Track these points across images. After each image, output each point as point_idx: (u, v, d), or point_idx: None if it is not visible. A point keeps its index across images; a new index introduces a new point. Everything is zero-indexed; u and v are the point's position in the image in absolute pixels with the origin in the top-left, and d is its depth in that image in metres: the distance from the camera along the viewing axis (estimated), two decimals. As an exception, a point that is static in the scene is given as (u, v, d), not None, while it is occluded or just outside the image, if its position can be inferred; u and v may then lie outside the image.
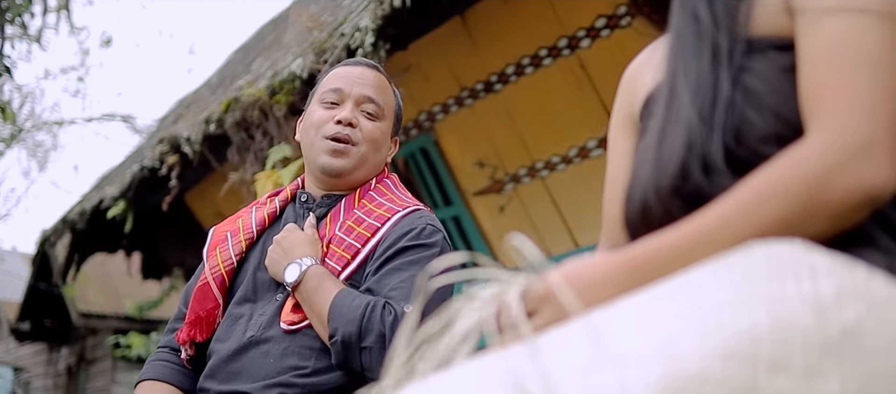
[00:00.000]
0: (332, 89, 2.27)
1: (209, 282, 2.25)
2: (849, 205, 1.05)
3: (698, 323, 0.91)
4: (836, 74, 1.09)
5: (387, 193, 2.27)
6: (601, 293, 1.12)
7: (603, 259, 1.17)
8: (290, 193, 2.39)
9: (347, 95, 2.25)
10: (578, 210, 4.78)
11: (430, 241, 2.14)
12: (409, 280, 2.07)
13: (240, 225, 2.34)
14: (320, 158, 2.23)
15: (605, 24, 4.18)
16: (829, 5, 1.14)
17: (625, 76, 1.55)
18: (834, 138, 1.06)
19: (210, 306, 2.24)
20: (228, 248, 2.29)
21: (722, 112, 1.14)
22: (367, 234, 2.16)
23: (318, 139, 2.24)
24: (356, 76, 2.29)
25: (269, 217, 2.34)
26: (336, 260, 2.15)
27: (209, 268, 2.28)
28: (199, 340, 2.24)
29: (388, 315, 1.99)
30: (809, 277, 0.95)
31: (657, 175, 1.17)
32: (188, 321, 2.26)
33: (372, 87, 2.28)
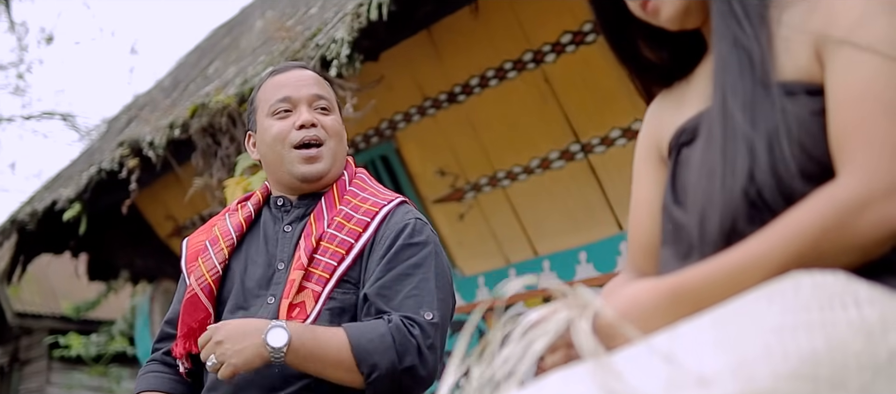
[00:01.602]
0: (280, 99, 2.30)
1: (197, 293, 2.29)
2: (877, 239, 1.18)
3: (764, 346, 1.02)
4: (866, 119, 1.22)
5: (366, 188, 2.33)
6: (652, 318, 1.23)
7: (650, 286, 1.28)
8: (261, 197, 2.43)
9: (298, 100, 2.30)
10: (538, 219, 4.90)
11: (423, 238, 2.21)
12: (419, 285, 2.14)
13: (217, 233, 2.38)
14: (295, 169, 2.27)
15: (571, 39, 4.31)
16: (858, 55, 1.26)
17: (647, 115, 1.68)
18: (864, 179, 1.19)
19: (201, 317, 2.28)
20: (211, 257, 2.32)
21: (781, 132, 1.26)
22: (358, 229, 2.21)
23: (286, 151, 2.27)
24: (297, 80, 2.34)
25: (245, 222, 2.37)
26: (330, 256, 2.19)
27: (195, 279, 2.31)
28: (195, 351, 2.26)
29: (414, 328, 2.06)
30: (854, 305, 1.06)
31: (729, 183, 1.27)
32: (181, 334, 2.30)
33: (316, 86, 2.34)
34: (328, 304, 2.16)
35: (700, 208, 1.34)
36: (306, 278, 2.18)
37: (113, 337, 11.32)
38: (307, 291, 2.17)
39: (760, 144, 1.26)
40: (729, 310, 1.12)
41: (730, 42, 1.35)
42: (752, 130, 1.27)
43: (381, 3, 3.74)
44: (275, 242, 2.30)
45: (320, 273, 2.18)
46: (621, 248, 4.53)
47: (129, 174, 5.42)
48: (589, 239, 4.68)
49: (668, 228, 1.46)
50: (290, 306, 2.16)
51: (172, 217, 7.26)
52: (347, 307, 2.18)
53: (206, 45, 8.31)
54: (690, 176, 1.40)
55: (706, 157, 1.35)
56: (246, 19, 7.82)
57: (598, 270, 4.64)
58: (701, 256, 1.31)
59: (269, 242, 2.31)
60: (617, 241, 4.55)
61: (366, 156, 5.57)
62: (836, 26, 1.30)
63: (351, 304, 2.19)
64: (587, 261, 4.70)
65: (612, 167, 4.45)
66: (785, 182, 1.25)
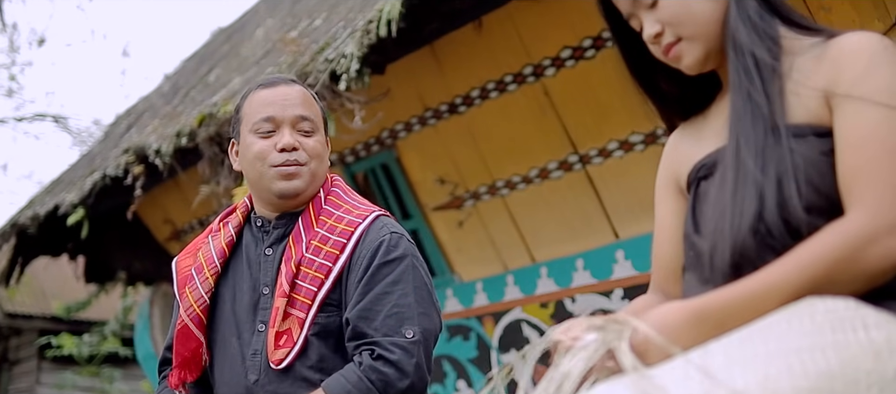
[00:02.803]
0: (264, 118, 2.33)
1: (187, 324, 2.37)
2: (883, 269, 1.34)
3: (786, 364, 1.18)
4: (872, 163, 1.38)
5: (342, 204, 2.38)
6: (679, 338, 1.38)
7: (677, 307, 1.43)
8: (242, 216, 2.48)
9: (282, 120, 2.33)
10: (536, 227, 5.05)
11: (399, 253, 2.28)
12: (398, 302, 2.22)
13: (202, 259, 2.43)
14: (274, 186, 2.33)
15: (570, 54, 4.46)
16: (864, 105, 1.42)
17: (667, 146, 1.84)
18: (871, 216, 1.35)
19: (193, 346, 2.37)
20: (197, 286, 2.39)
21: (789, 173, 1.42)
22: (335, 251, 2.28)
23: (266, 169, 2.32)
24: (283, 98, 2.36)
25: (227, 246, 2.43)
26: (310, 281, 2.26)
27: (184, 310, 2.39)
28: (190, 380, 2.40)
29: (394, 354, 2.16)
30: (863, 328, 1.23)
31: (737, 222, 1.44)
32: (176, 364, 2.40)
33: (301, 106, 2.36)
34: (313, 329, 2.25)
35: (711, 242, 1.50)
36: (290, 305, 2.26)
37: (105, 337, 11.41)
38: (292, 317, 2.25)
39: (769, 187, 1.42)
40: (753, 331, 1.27)
41: (744, 96, 1.51)
42: (762, 175, 1.43)
43: (390, 20, 3.87)
44: (258, 265, 2.38)
45: (302, 299, 2.26)
46: (617, 256, 4.68)
47: (134, 181, 5.53)
48: (586, 247, 4.82)
49: (690, 254, 1.62)
50: (278, 335, 2.25)
51: (171, 221, 7.37)
52: (332, 329, 2.27)
53: (204, 51, 8.42)
54: (707, 210, 1.56)
55: (719, 196, 1.51)
56: (244, 26, 7.93)
57: (595, 277, 4.79)
58: (714, 284, 1.48)
59: (252, 265, 2.39)
60: (613, 249, 4.69)
61: (366, 164, 5.71)
62: (843, 78, 1.46)
63: (335, 326, 2.27)
64: (584, 268, 4.84)
65: (610, 178, 4.59)
66: (792, 220, 1.41)
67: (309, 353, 2.25)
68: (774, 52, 1.54)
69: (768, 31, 1.56)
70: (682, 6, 1.60)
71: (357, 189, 5.84)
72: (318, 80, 4.18)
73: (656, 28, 1.64)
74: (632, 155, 4.46)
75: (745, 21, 1.56)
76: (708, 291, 1.48)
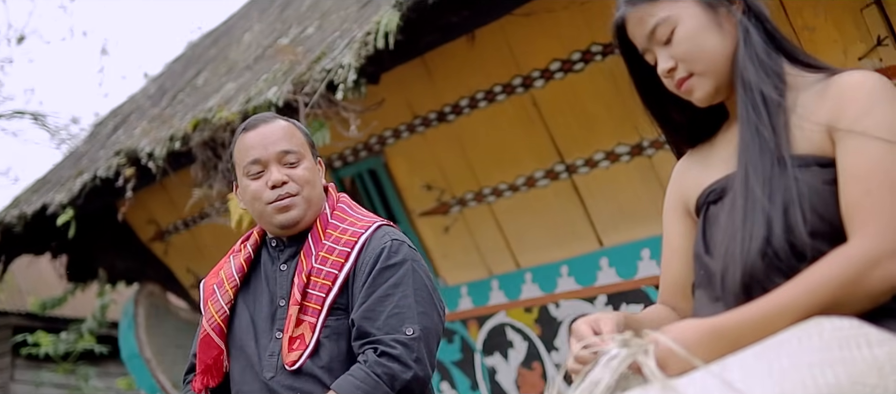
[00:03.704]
0: (251, 162, 2.54)
1: (209, 333, 2.59)
2: (882, 291, 1.48)
3: (799, 378, 1.31)
4: (873, 194, 1.52)
5: (347, 217, 2.58)
6: (698, 352, 1.50)
7: (694, 324, 1.56)
8: (258, 237, 2.69)
9: (267, 160, 2.52)
10: (521, 234, 5.17)
11: (399, 258, 2.47)
12: (399, 303, 2.41)
13: (223, 276, 2.65)
14: (274, 219, 2.53)
15: (559, 67, 4.58)
16: (865, 139, 1.56)
17: (675, 172, 1.98)
18: (872, 243, 1.49)
19: (215, 354, 2.59)
20: (219, 299, 2.61)
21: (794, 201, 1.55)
22: (340, 260, 2.47)
23: (263, 208, 2.53)
24: (265, 138, 2.55)
25: (246, 262, 2.64)
26: (319, 288, 2.46)
27: (206, 320, 2.61)
28: (212, 385, 2.61)
29: (396, 349, 2.35)
30: (867, 346, 1.36)
31: (747, 245, 1.57)
32: (199, 371, 2.62)
33: (283, 141, 2.55)
34: (324, 332, 2.45)
35: (723, 264, 1.64)
36: (302, 312, 2.47)
37: (82, 335, 11.41)
38: (304, 323, 2.46)
39: (776, 214, 1.56)
40: (766, 347, 1.41)
41: (752, 129, 1.65)
42: (770, 202, 1.57)
43: (388, 32, 3.99)
44: (274, 280, 2.58)
45: (313, 306, 2.47)
46: (601, 263, 4.81)
47: (125, 183, 5.61)
48: (570, 254, 4.95)
49: (701, 273, 1.75)
50: (291, 340, 2.46)
51: (155, 222, 7.44)
52: (342, 332, 2.47)
53: (190, 54, 8.48)
54: (717, 234, 1.70)
55: (729, 221, 1.65)
56: (231, 30, 8.00)
57: (579, 283, 4.92)
58: (725, 304, 1.61)
59: (269, 280, 2.60)
60: (597, 256, 4.83)
61: (354, 169, 5.82)
62: (845, 114, 1.60)
63: (344, 328, 2.47)
64: (568, 274, 4.98)
65: (595, 187, 4.73)
66: (798, 244, 1.55)
67: (320, 354, 2.44)
68: (780, 88, 1.68)
69: (774, 68, 1.70)
70: (694, 44, 1.73)
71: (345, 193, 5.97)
72: (314, 89, 4.28)
73: (670, 63, 1.76)
74: (618, 165, 4.60)
75: (753, 59, 1.69)
76: (719, 308, 1.62)
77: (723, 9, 1.74)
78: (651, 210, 4.53)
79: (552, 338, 5.08)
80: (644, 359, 1.46)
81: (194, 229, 7.20)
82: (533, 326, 5.20)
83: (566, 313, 5.02)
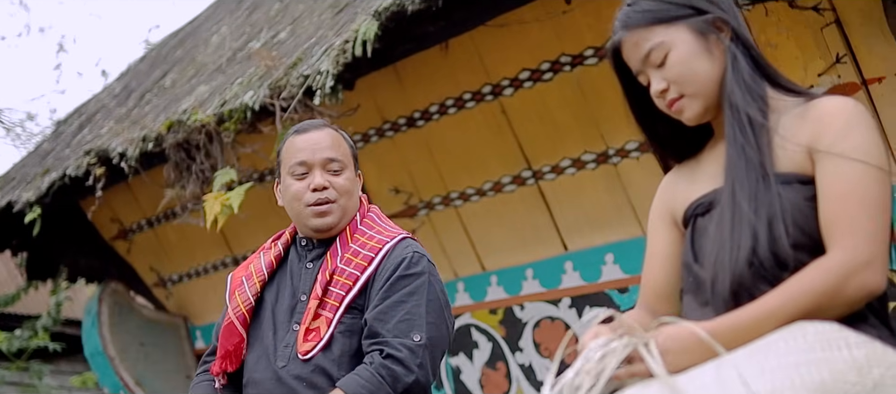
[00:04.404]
0: (298, 163, 2.73)
1: (233, 321, 2.75)
2: (857, 299, 1.64)
3: (788, 376, 1.46)
4: (849, 211, 1.68)
5: (374, 226, 2.76)
6: (694, 351, 1.65)
7: (688, 327, 1.71)
8: (289, 236, 2.86)
9: (313, 164, 2.71)
10: (487, 237, 5.31)
11: (418, 269, 2.63)
12: (412, 311, 2.57)
13: (252, 269, 2.82)
14: (310, 222, 2.71)
15: (529, 76, 4.72)
16: (843, 160, 1.72)
17: (662, 185, 2.13)
18: (848, 256, 1.65)
19: (236, 341, 2.74)
20: (246, 290, 2.78)
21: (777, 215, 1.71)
22: (364, 263, 2.64)
23: (301, 208, 2.71)
24: (314, 143, 2.75)
25: (275, 260, 2.82)
26: (340, 287, 2.63)
27: (231, 309, 2.77)
28: (230, 370, 2.75)
29: (402, 352, 2.50)
30: (846, 347, 1.51)
31: (735, 255, 1.72)
32: (219, 356, 2.77)
33: (330, 149, 2.76)
34: (339, 328, 2.61)
35: (713, 273, 1.79)
36: (321, 307, 2.63)
37: (36, 332, 11.36)
38: (321, 318, 2.62)
39: (762, 227, 1.72)
40: (757, 348, 1.56)
41: (739, 148, 1.80)
42: (755, 216, 1.73)
43: (366, 41, 4.10)
44: (299, 276, 2.74)
45: (332, 302, 2.63)
46: (566, 267, 4.96)
47: (95, 182, 5.66)
48: (535, 257, 5.10)
49: (689, 280, 1.90)
50: (307, 331, 2.62)
51: (118, 220, 7.47)
52: (355, 330, 2.63)
53: (155, 55, 8.51)
54: (706, 244, 1.85)
55: (718, 233, 1.80)
56: (196, 32, 8.04)
57: (544, 286, 5.07)
58: (714, 308, 1.76)
59: (294, 276, 2.76)
60: (562, 260, 4.98)
61: (322, 171, 5.91)
62: (824, 137, 1.76)
63: (358, 327, 2.63)
64: (533, 277, 5.12)
65: (562, 193, 4.87)
66: (781, 255, 1.71)
67: (332, 348, 2.59)
68: (764, 110, 1.83)
69: (759, 92, 1.85)
70: (686, 67, 1.88)
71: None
72: (291, 94, 4.39)
73: (662, 85, 1.91)
74: (584, 173, 4.75)
75: (740, 83, 1.84)
76: (708, 312, 1.77)
77: (713, 36, 1.89)
78: (615, 216, 4.70)
79: (516, 339, 5.23)
80: (645, 352, 1.60)
81: (158, 228, 7.26)
82: (497, 327, 5.34)
83: (530, 314, 5.16)
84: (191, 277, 7.37)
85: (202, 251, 7.05)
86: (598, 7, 4.29)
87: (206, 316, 7.47)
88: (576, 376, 1.63)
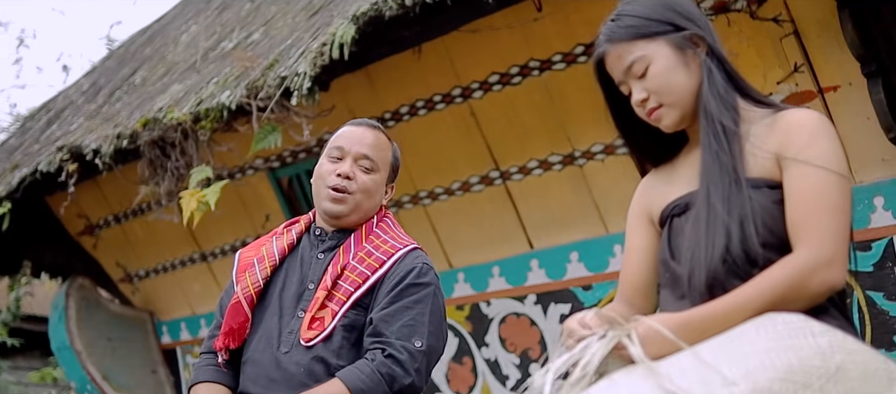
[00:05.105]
0: (336, 147, 2.90)
1: (241, 301, 2.85)
2: (820, 293, 1.82)
3: (759, 360, 1.62)
4: (813, 214, 1.85)
5: (389, 231, 2.90)
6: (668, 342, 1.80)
7: (665, 318, 1.86)
8: (304, 226, 2.98)
9: (347, 153, 2.87)
10: (455, 235, 5.45)
11: (426, 280, 2.79)
12: (416, 318, 2.70)
13: (264, 253, 2.93)
14: (323, 204, 2.85)
15: (498, 80, 4.87)
16: (808, 167, 1.89)
17: (640, 187, 2.29)
18: (812, 254, 1.82)
19: (241, 320, 2.85)
20: (256, 272, 2.88)
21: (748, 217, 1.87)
22: (376, 265, 2.77)
23: (322, 188, 2.85)
24: (357, 137, 2.92)
25: (288, 247, 2.93)
26: (349, 283, 2.75)
27: (240, 289, 2.87)
28: (232, 347, 2.86)
29: (402, 355, 2.63)
30: (811, 335, 1.68)
31: (710, 253, 1.88)
32: (223, 332, 2.86)
33: (369, 147, 2.90)
34: (342, 321, 2.73)
35: (689, 268, 1.95)
36: (328, 299, 2.75)
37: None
38: (327, 309, 2.74)
39: (734, 227, 1.88)
40: (730, 337, 1.72)
41: (713, 154, 1.97)
42: (728, 217, 1.89)
43: (343, 44, 4.23)
44: (309, 265, 2.86)
45: (339, 296, 2.75)
46: (531, 264, 5.13)
47: (68, 178, 5.73)
48: (502, 255, 5.26)
49: (666, 276, 2.06)
50: (312, 319, 2.74)
51: (85, 216, 7.51)
52: (357, 326, 2.75)
53: (124, 52, 8.56)
54: (682, 242, 2.01)
55: (694, 232, 1.96)
56: (165, 30, 8.11)
57: (510, 283, 5.22)
58: (691, 301, 1.92)
59: (304, 264, 2.87)
60: (528, 258, 5.14)
61: (292, 170, 6.04)
62: (791, 145, 1.93)
63: (360, 324, 2.75)
64: (499, 275, 5.28)
65: (528, 193, 5.03)
66: (751, 253, 1.88)
67: (333, 339, 2.70)
68: (736, 120, 2.00)
69: (732, 103, 2.02)
70: (665, 79, 2.04)
71: (281, 193, 6.19)
72: (268, 95, 4.50)
73: (643, 95, 2.07)
74: (550, 173, 4.91)
75: (715, 94, 2.01)
76: (684, 304, 1.93)
77: (690, 50, 2.05)
78: (580, 216, 4.87)
79: (483, 334, 5.38)
80: (628, 341, 1.76)
81: (125, 224, 7.32)
82: (464, 322, 5.49)
83: (496, 310, 5.32)
84: (158, 273, 7.44)
85: (170, 247, 7.13)
86: (566, 15, 4.46)
87: (173, 311, 7.55)
88: (565, 365, 1.78)
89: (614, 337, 1.80)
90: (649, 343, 1.79)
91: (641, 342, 1.79)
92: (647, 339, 1.80)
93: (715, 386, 1.57)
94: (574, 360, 1.80)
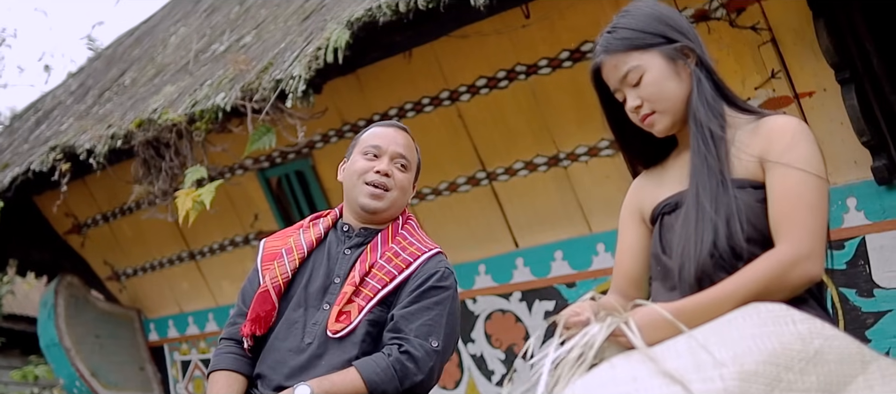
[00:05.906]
0: (372, 145, 3.01)
1: (269, 290, 2.98)
2: (800, 285, 1.99)
3: (746, 345, 1.78)
4: (794, 211, 2.02)
5: (414, 234, 3.04)
6: (661, 329, 1.96)
7: (658, 307, 2.02)
8: (331, 221, 3.11)
9: (385, 151, 2.99)
10: (442, 235, 5.56)
11: (447, 283, 2.93)
12: (435, 318, 2.84)
13: (292, 244, 3.06)
14: (361, 199, 2.96)
15: (485, 83, 5.02)
16: (789, 169, 2.06)
17: (632, 186, 2.45)
18: (793, 249, 1.99)
19: (268, 309, 2.97)
20: (285, 263, 3.01)
21: (734, 214, 2.04)
22: (403, 265, 2.91)
23: (360, 183, 2.97)
24: (392, 137, 3.05)
25: (316, 240, 3.05)
26: (377, 280, 2.89)
27: (269, 278, 2.99)
28: (258, 334, 2.98)
29: (418, 352, 2.77)
30: (792, 322, 1.84)
31: (699, 247, 2.05)
32: (250, 318, 2.99)
33: (403, 147, 3.05)
34: (368, 316, 2.87)
35: (680, 262, 2.11)
36: (355, 294, 2.88)
37: (-23, 325, 11.39)
38: (354, 304, 2.87)
39: (721, 224, 2.05)
40: (719, 324, 1.88)
41: (702, 157, 2.13)
42: (716, 215, 2.06)
43: (337, 48, 4.37)
44: (336, 260, 2.98)
45: (367, 292, 2.88)
46: (517, 263, 5.28)
47: (61, 177, 5.84)
48: (488, 254, 5.41)
49: (658, 269, 2.22)
50: (339, 313, 2.87)
51: (72, 215, 7.60)
52: (379, 321, 2.89)
53: (112, 53, 8.65)
54: (673, 238, 2.18)
55: (684, 228, 2.13)
56: (153, 32, 8.21)
57: (495, 281, 5.38)
58: (681, 292, 2.08)
59: (331, 259, 2.99)
60: (513, 256, 5.30)
61: (281, 170, 6.17)
62: (773, 149, 2.09)
63: (382, 319, 2.89)
64: (486, 273, 5.43)
65: (514, 194, 5.19)
66: (737, 248, 2.04)
67: (357, 333, 2.84)
68: (723, 126, 2.16)
69: (719, 110, 2.19)
70: (658, 88, 2.20)
71: (270, 192, 6.31)
72: (263, 97, 4.64)
73: (637, 102, 2.23)
74: (535, 174, 5.06)
75: (704, 102, 2.18)
76: (675, 296, 2.09)
77: (681, 61, 2.22)
78: (564, 216, 5.03)
79: (469, 330, 5.53)
80: (626, 328, 1.92)
81: (113, 223, 7.42)
82: (451, 319, 5.62)
83: (482, 307, 5.47)
84: (145, 271, 7.54)
85: (158, 246, 7.24)
86: (552, 22, 4.62)
87: (160, 309, 7.66)
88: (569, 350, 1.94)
89: (613, 323, 1.95)
90: (646, 330, 1.95)
91: (639, 329, 1.95)
92: (643, 325, 1.96)
93: (706, 368, 1.73)
94: (575, 345, 1.95)
